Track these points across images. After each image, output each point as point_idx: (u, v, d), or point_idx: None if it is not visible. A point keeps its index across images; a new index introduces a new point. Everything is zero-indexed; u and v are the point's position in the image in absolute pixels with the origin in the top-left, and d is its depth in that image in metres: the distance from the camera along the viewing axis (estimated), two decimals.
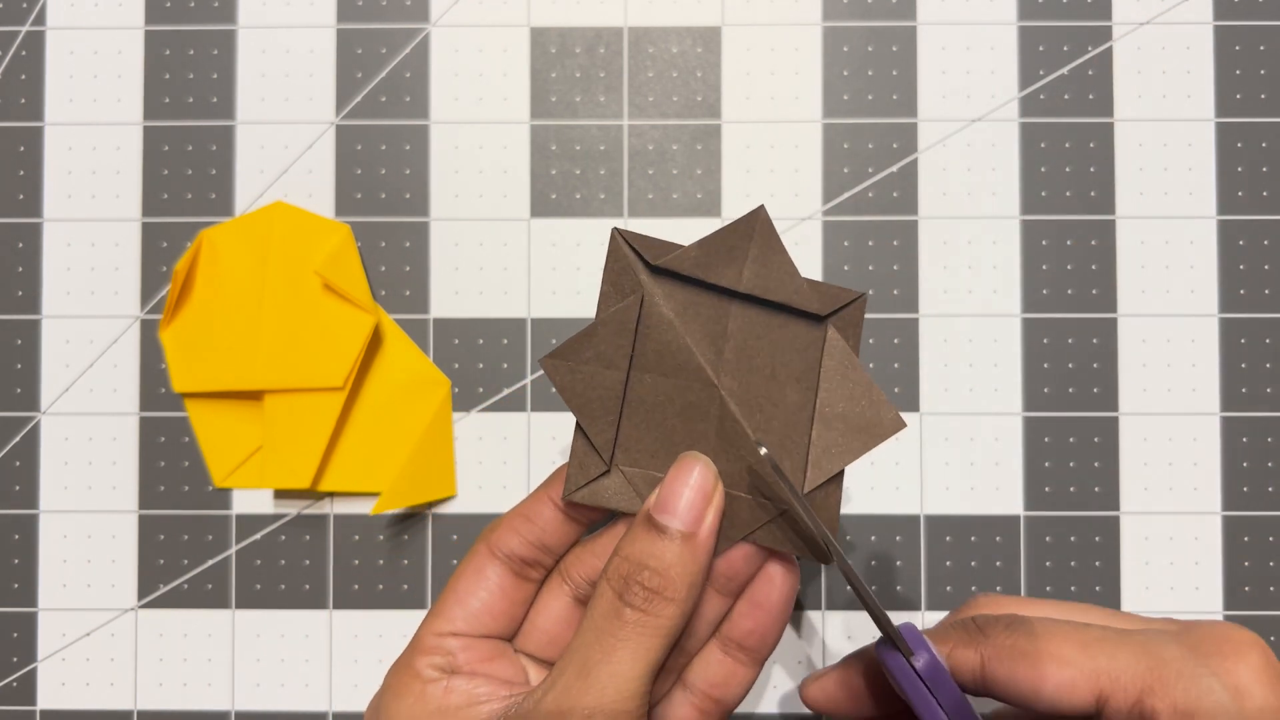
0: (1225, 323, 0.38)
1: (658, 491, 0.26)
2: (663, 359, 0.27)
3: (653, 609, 0.25)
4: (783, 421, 0.27)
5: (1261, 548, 0.37)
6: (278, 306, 0.37)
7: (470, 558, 0.29)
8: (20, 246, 0.38)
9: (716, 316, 0.27)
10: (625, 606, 0.25)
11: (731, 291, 0.27)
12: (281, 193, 0.38)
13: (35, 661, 0.37)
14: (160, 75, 0.38)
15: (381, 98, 0.38)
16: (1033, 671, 0.25)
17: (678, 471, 0.26)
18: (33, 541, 0.38)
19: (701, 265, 0.27)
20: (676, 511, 0.25)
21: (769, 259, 0.27)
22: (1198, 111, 0.38)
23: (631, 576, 0.25)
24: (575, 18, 0.38)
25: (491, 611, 0.28)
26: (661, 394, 0.27)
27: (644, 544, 0.25)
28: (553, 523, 0.28)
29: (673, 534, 0.25)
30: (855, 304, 0.27)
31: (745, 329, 0.27)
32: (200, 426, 0.37)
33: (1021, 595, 0.37)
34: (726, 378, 0.27)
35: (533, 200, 0.38)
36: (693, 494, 0.26)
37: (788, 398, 0.27)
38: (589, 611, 0.26)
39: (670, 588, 0.25)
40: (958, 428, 0.37)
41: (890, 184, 0.38)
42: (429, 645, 0.27)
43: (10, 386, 0.38)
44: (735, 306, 0.27)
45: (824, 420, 0.27)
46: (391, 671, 0.28)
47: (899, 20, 0.38)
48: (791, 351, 0.27)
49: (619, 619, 0.25)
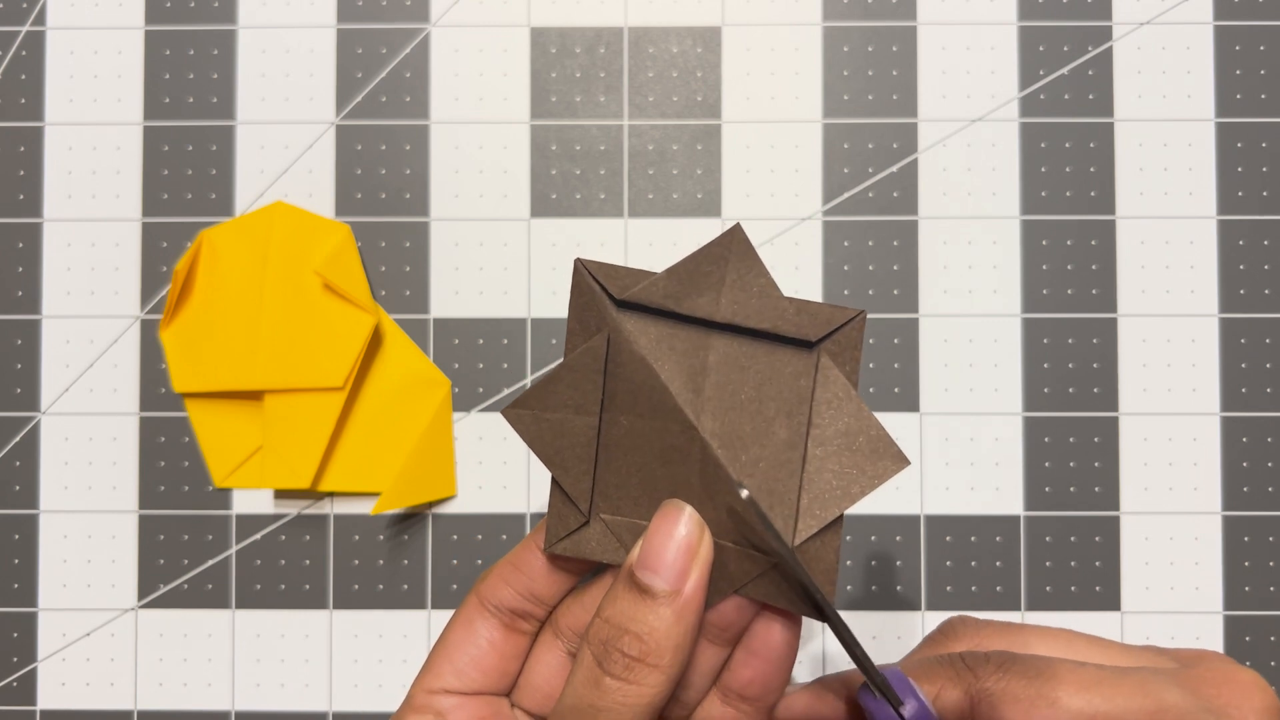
0: (1225, 323, 0.38)
1: (639, 546, 0.24)
2: (637, 400, 0.25)
3: (635, 678, 0.23)
4: (771, 462, 0.25)
5: (1261, 548, 0.37)
6: (278, 306, 0.37)
7: (460, 610, 0.27)
8: (20, 246, 0.38)
9: (694, 349, 0.25)
10: (605, 675, 0.23)
11: (711, 321, 0.24)
12: (281, 193, 0.38)
13: (35, 661, 0.37)
14: (160, 75, 0.38)
15: (381, 98, 0.38)
16: (1026, 715, 0.24)
17: (660, 523, 0.24)
18: (33, 541, 0.38)
19: (673, 296, 0.24)
20: (660, 570, 0.23)
21: (748, 283, 0.24)
22: (1198, 111, 0.38)
23: (612, 642, 0.23)
24: (575, 18, 0.38)
25: (482, 667, 0.26)
26: (639, 437, 0.25)
27: (626, 606, 0.23)
28: (541, 572, 0.26)
29: (658, 595, 0.23)
30: (852, 324, 0.24)
31: (727, 361, 0.25)
32: (200, 426, 0.37)
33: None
34: (707, 417, 0.24)
35: (533, 200, 0.38)
36: (678, 549, 0.24)
37: (776, 435, 0.25)
38: (570, 678, 0.24)
39: (654, 654, 0.23)
40: (958, 428, 0.37)
41: (890, 184, 0.38)
42: (419, 703, 0.26)
43: (10, 386, 0.38)
44: (715, 337, 0.25)
45: (816, 461, 0.24)
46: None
47: (899, 20, 0.38)
48: (780, 383, 0.25)
49: (599, 688, 0.23)
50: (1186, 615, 0.37)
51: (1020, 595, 0.37)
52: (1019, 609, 0.37)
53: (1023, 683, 0.24)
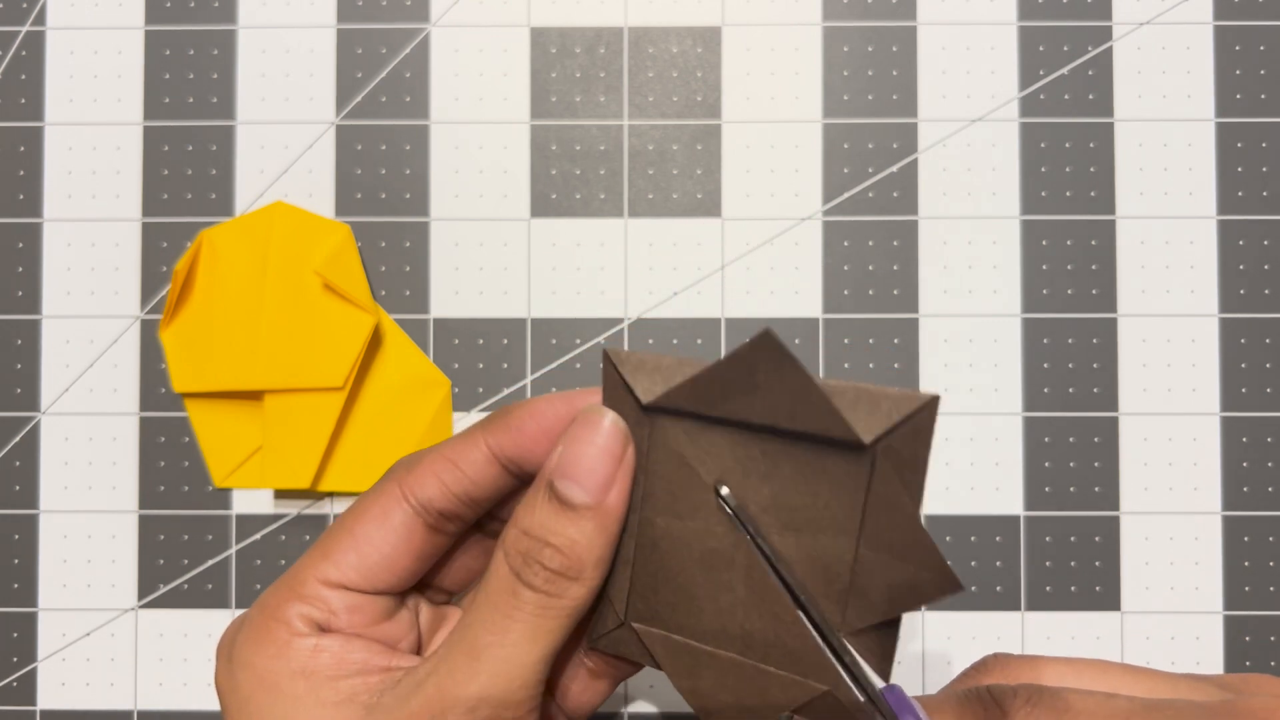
0: (1225, 323, 0.38)
1: (559, 452, 0.22)
2: (676, 500, 0.23)
3: (555, 589, 0.22)
4: (818, 565, 0.22)
5: (1261, 548, 0.37)
6: (278, 306, 0.37)
7: (376, 497, 0.24)
8: (20, 246, 0.38)
9: (735, 446, 0.22)
10: (523, 586, 0.22)
11: (749, 422, 0.22)
12: (281, 193, 0.38)
13: (35, 661, 0.37)
14: (160, 75, 0.38)
15: (381, 98, 0.38)
16: None
17: (582, 430, 0.22)
18: (33, 541, 0.38)
19: (704, 401, 0.22)
20: (582, 479, 0.22)
21: (783, 385, 0.21)
22: (1198, 111, 0.38)
23: (531, 554, 0.22)
24: (575, 18, 0.38)
25: (391, 567, 0.24)
26: (677, 540, 0.23)
27: (546, 517, 0.22)
28: (485, 474, 0.24)
29: (579, 506, 0.22)
30: (920, 413, 0.20)
31: (770, 456, 0.22)
32: (200, 426, 0.37)
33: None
34: (754, 513, 0.23)
35: (533, 200, 0.38)
36: (600, 456, 0.22)
37: (825, 534, 0.22)
38: (482, 586, 0.23)
39: (575, 567, 0.22)
40: (957, 428, 0.37)
41: (890, 184, 0.38)
42: (308, 593, 0.23)
43: (10, 386, 0.38)
44: (756, 435, 0.22)
45: (866, 566, 0.22)
46: (258, 609, 0.23)
47: (899, 20, 0.38)
48: (826, 493, 0.22)
49: (515, 598, 0.22)
50: (1186, 615, 0.37)
51: (1020, 595, 0.37)
52: (1019, 609, 0.37)
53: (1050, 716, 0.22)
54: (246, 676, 0.23)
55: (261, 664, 0.22)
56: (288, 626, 0.23)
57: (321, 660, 0.22)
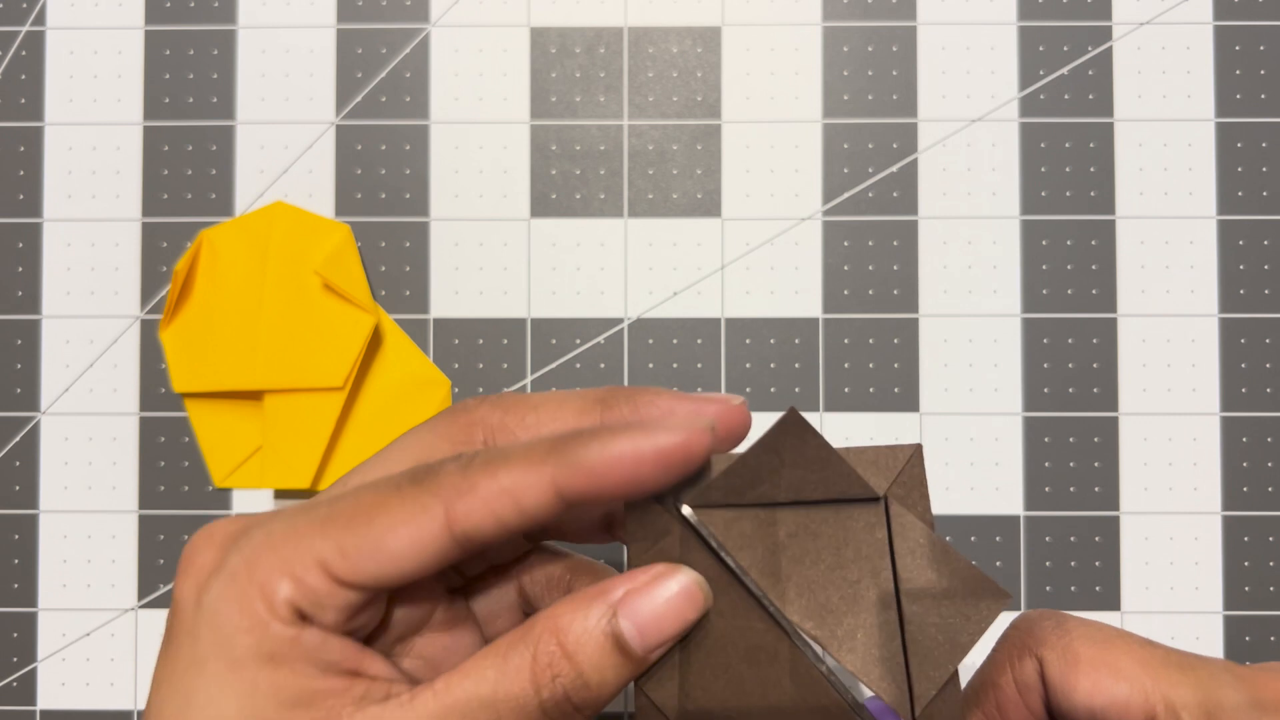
0: (1225, 323, 0.38)
1: (637, 600, 0.21)
2: (716, 596, 0.23)
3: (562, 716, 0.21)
4: (868, 630, 0.23)
5: (1261, 548, 0.37)
6: (278, 306, 0.37)
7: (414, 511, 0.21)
8: (20, 246, 0.38)
9: (762, 529, 0.23)
10: (536, 704, 0.20)
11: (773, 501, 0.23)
12: (281, 193, 0.38)
13: (35, 661, 0.37)
14: (160, 75, 0.38)
15: (381, 98, 0.38)
16: (1086, 680, 0.23)
17: (667, 582, 0.21)
18: (33, 541, 0.38)
19: (735, 491, 0.23)
20: (646, 635, 0.21)
21: (807, 459, 0.22)
22: (1198, 111, 0.38)
23: (561, 680, 0.21)
24: (575, 18, 0.38)
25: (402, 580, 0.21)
26: (721, 638, 0.23)
27: (593, 650, 0.21)
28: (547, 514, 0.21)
29: (632, 655, 0.21)
30: (911, 461, 0.23)
31: (798, 532, 0.23)
32: (200, 426, 0.37)
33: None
34: (791, 598, 0.23)
35: (533, 200, 0.38)
36: (672, 620, 0.21)
37: (866, 598, 0.23)
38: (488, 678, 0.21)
39: (592, 707, 0.21)
40: (958, 428, 0.37)
41: (890, 184, 0.38)
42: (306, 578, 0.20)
43: (10, 386, 0.38)
44: (780, 511, 0.23)
45: (916, 618, 0.22)
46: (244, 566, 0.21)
47: (899, 20, 0.38)
48: (856, 543, 0.23)
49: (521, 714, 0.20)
50: (1186, 615, 0.37)
51: (1020, 595, 0.37)
52: (1019, 609, 0.37)
53: (1087, 647, 0.23)
54: (211, 635, 0.21)
55: (231, 633, 0.20)
56: (270, 606, 0.20)
57: (293, 652, 0.20)
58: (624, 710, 0.37)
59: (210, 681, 0.20)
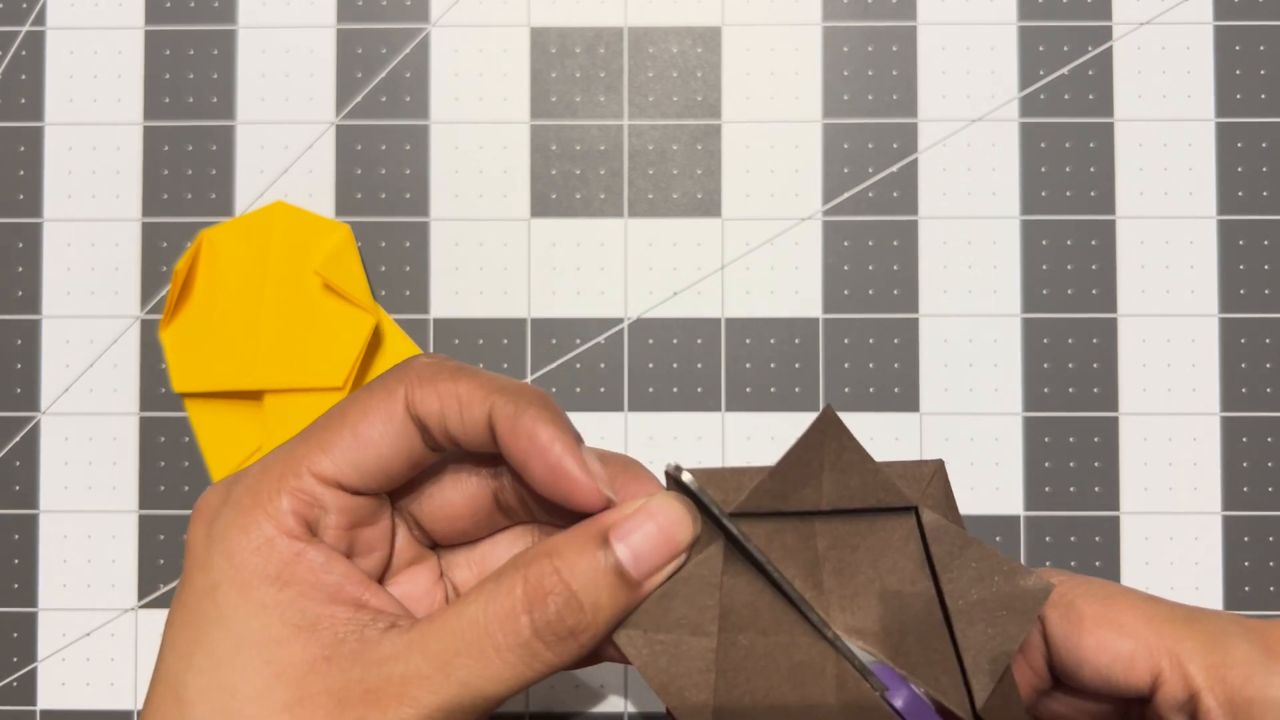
0: (1225, 323, 0.38)
1: (626, 514, 0.22)
2: (758, 613, 0.22)
3: (559, 649, 0.21)
4: (918, 637, 0.23)
5: (1261, 548, 0.37)
6: (278, 306, 0.37)
7: (382, 398, 0.23)
8: (20, 246, 0.38)
9: (803, 542, 0.23)
10: (528, 624, 0.21)
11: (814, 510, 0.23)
12: (281, 193, 0.38)
13: (35, 661, 0.37)
14: (160, 75, 0.38)
15: (381, 98, 0.38)
16: (1090, 638, 0.23)
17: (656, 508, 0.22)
18: (33, 541, 0.38)
19: (780, 496, 0.22)
20: (640, 558, 0.21)
21: (845, 462, 0.22)
22: (1198, 111, 0.38)
23: (554, 601, 0.21)
24: (575, 18, 0.38)
25: (387, 470, 0.23)
26: (763, 657, 0.22)
27: (588, 573, 0.21)
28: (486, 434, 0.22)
29: (626, 578, 0.21)
30: (936, 476, 0.23)
31: (837, 544, 0.23)
32: (200, 426, 0.37)
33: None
34: (836, 612, 0.23)
35: (533, 200, 0.38)
36: (663, 542, 0.22)
37: (911, 607, 0.23)
38: (481, 600, 0.21)
39: (589, 632, 0.21)
40: (958, 428, 0.37)
41: (890, 184, 0.38)
42: (302, 485, 0.22)
43: (10, 386, 0.38)
44: (818, 522, 0.23)
45: (963, 618, 0.22)
46: (247, 491, 0.22)
47: (899, 20, 0.38)
48: (894, 553, 0.23)
49: (513, 634, 0.21)
50: None
51: None
52: None
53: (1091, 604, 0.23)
54: (222, 563, 0.22)
55: (241, 556, 0.21)
56: (275, 520, 0.22)
57: (299, 570, 0.21)
58: (624, 710, 0.37)
59: (222, 605, 0.21)
